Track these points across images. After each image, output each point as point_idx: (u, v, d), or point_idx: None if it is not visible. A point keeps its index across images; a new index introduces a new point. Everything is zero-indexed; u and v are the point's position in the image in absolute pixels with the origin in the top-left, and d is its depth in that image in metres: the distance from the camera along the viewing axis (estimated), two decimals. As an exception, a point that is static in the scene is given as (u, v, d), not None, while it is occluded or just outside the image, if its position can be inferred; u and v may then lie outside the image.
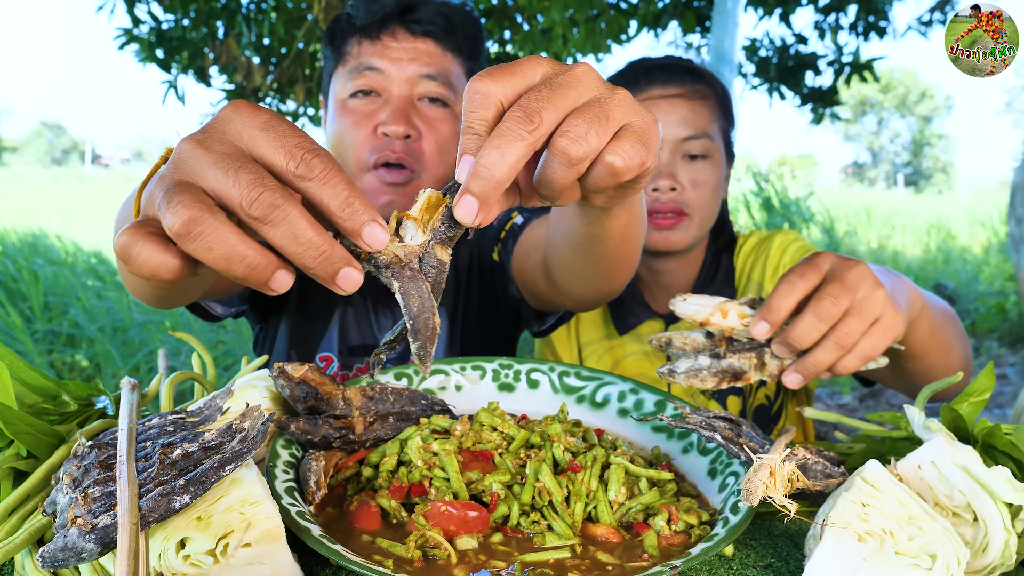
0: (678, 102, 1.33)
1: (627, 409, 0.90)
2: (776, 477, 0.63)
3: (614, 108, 0.53)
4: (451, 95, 1.24)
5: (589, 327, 1.51)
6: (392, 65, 1.21)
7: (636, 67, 1.39)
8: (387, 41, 1.21)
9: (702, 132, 1.33)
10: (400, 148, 1.19)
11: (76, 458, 0.61)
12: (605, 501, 0.70)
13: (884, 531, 0.59)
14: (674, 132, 1.32)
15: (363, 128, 1.21)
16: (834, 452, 0.84)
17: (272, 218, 0.45)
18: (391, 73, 1.21)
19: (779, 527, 0.76)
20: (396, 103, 1.20)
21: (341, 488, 0.73)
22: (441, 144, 1.23)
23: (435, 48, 1.23)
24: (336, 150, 1.25)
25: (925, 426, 0.73)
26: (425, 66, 1.21)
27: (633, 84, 1.36)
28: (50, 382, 0.77)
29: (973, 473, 0.64)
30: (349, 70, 1.23)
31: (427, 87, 1.22)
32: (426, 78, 1.21)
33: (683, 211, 1.34)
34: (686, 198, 1.34)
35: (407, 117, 1.19)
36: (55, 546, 0.51)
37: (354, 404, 0.78)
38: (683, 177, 1.33)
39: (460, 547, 0.63)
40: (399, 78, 1.21)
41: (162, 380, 0.86)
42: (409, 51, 1.21)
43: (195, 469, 0.56)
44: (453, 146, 1.25)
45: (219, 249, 0.45)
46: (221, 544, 0.55)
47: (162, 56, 4.85)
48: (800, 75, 5.68)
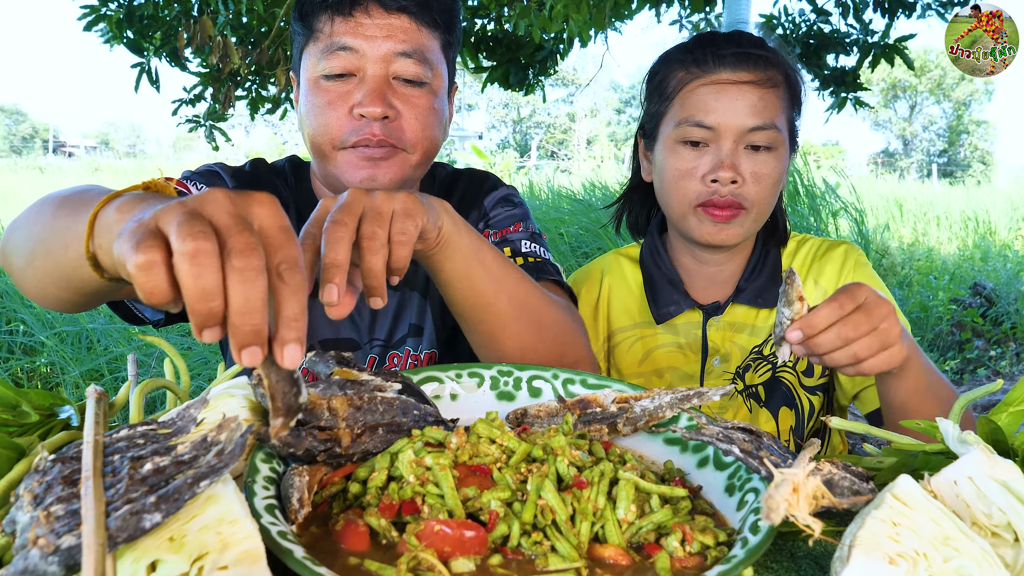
0: (748, 89, 1.34)
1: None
2: (799, 494, 0.63)
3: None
4: (427, 72, 1.27)
5: (622, 314, 1.55)
6: (366, 43, 1.24)
7: (704, 43, 1.40)
8: (360, 18, 1.24)
9: (770, 123, 1.34)
10: (379, 129, 1.24)
11: (37, 473, 0.61)
12: (613, 520, 0.70)
13: (917, 552, 0.60)
14: (741, 121, 1.34)
15: (338, 109, 1.25)
16: (862, 467, 0.84)
17: (247, 278, 0.57)
18: (366, 51, 1.24)
19: (802, 548, 0.76)
20: (371, 83, 1.24)
21: (326, 505, 0.73)
22: (422, 120, 1.27)
23: (410, 24, 1.26)
24: (309, 131, 1.28)
25: (961, 439, 0.73)
26: (400, 43, 1.25)
27: (700, 63, 1.37)
28: (9, 390, 0.78)
29: (1014, 489, 0.64)
30: (321, 49, 1.26)
31: (402, 65, 1.25)
32: (402, 56, 1.25)
33: (742, 205, 1.36)
34: (746, 191, 1.35)
35: (383, 97, 1.23)
36: (15, 568, 0.51)
37: (340, 414, 0.78)
38: (745, 169, 1.35)
39: (455, 570, 0.63)
40: (374, 56, 1.24)
41: (131, 388, 0.86)
42: (383, 28, 1.24)
43: (167, 485, 0.56)
44: (433, 122, 1.29)
45: (202, 284, 0.57)
46: (196, 567, 0.55)
47: (132, 37, 4.84)
48: (823, 55, 5.66)
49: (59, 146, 53.74)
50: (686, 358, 1.48)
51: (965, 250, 9.14)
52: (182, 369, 0.93)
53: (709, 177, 1.34)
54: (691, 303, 1.49)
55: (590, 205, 8.26)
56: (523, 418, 0.91)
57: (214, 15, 4.71)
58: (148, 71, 4.94)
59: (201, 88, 5.18)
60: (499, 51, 5.53)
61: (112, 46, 4.95)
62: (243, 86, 5.36)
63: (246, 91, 5.39)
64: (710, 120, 1.34)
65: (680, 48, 1.43)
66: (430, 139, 1.30)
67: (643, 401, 0.88)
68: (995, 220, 10.74)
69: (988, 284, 6.93)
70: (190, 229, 0.57)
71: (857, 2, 5.46)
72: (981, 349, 5.93)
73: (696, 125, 1.35)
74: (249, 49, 5.04)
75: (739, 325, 1.48)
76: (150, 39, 4.88)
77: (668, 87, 1.41)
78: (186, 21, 4.66)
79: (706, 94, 1.35)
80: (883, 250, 8.21)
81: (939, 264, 8.09)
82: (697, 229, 1.39)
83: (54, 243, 0.87)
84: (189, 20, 4.66)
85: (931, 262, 8.15)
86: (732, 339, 1.47)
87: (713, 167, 1.34)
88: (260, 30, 5.00)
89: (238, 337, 0.58)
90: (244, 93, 5.38)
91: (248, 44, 5.09)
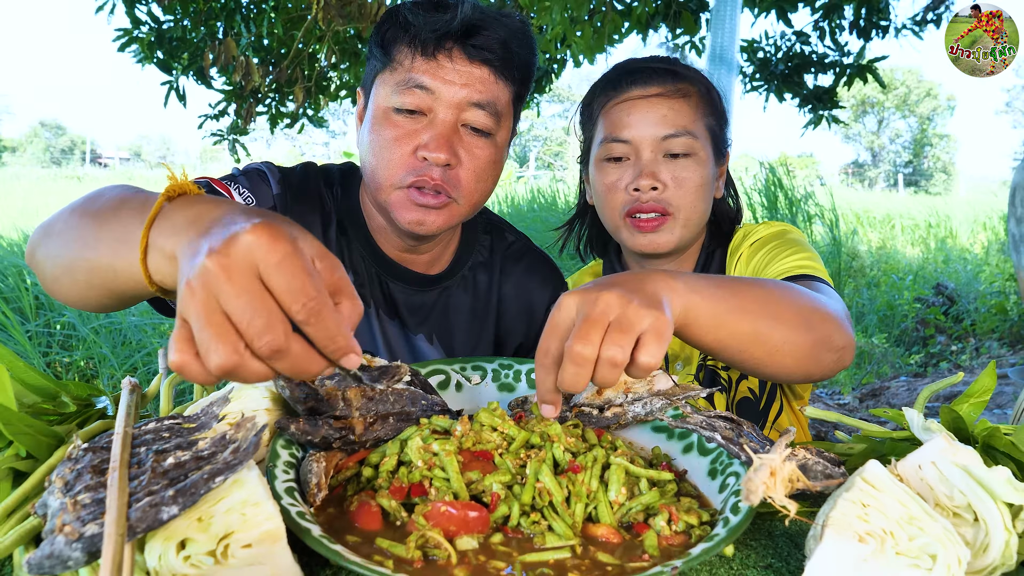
0: (657, 101, 1.34)
1: (627, 409, 0.90)
2: (776, 477, 0.63)
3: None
4: (496, 125, 1.21)
5: None
6: (444, 87, 1.16)
7: (620, 69, 1.41)
8: (442, 60, 1.16)
9: (683, 130, 1.33)
10: (438, 175, 1.17)
11: (70, 461, 0.61)
12: (605, 501, 0.70)
13: (884, 531, 0.60)
14: (654, 131, 1.33)
15: (403, 146, 1.18)
16: (834, 452, 0.84)
17: (275, 357, 0.58)
18: (441, 95, 1.16)
19: (779, 527, 0.76)
20: (440, 127, 1.17)
21: (341, 488, 0.73)
22: (478, 172, 1.21)
23: (489, 76, 1.19)
24: (371, 160, 1.21)
25: (925, 427, 0.73)
26: (477, 93, 1.17)
27: (615, 86, 1.37)
28: (49, 382, 0.77)
29: (974, 473, 0.64)
30: (398, 81, 1.18)
31: (474, 115, 1.18)
32: (475, 106, 1.18)
33: (666, 211, 1.34)
34: (668, 196, 1.33)
35: (450, 144, 1.17)
36: (41, 553, 0.51)
37: (354, 405, 0.78)
38: (665, 176, 1.33)
39: (460, 547, 0.63)
40: (448, 101, 1.17)
41: (162, 380, 0.86)
42: (463, 75, 1.17)
43: (186, 479, 0.55)
44: (489, 174, 1.23)
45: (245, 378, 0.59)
46: (221, 545, 0.55)
47: (161, 57, 4.85)
48: (801, 76, 5.66)
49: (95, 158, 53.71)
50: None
51: (928, 253, 9.14)
52: (208, 363, 0.92)
53: (632, 187, 1.33)
54: None
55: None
56: (523, 405, 0.91)
57: (237, 37, 4.71)
58: (176, 88, 4.94)
59: (224, 104, 5.18)
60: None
61: (144, 66, 4.96)
62: (263, 103, 5.36)
63: (266, 107, 5.39)
64: (626, 134, 1.33)
65: (603, 77, 1.43)
66: (482, 191, 1.24)
67: (635, 407, 0.87)
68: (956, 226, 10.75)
69: (950, 284, 6.93)
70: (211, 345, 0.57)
71: (834, 25, 5.46)
72: (943, 344, 5.93)
73: (615, 141, 1.34)
74: (270, 68, 5.04)
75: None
76: (178, 59, 4.88)
77: (593, 112, 1.41)
78: (211, 42, 4.67)
79: (621, 111, 1.35)
80: (853, 253, 8.21)
81: (904, 266, 8.09)
82: (630, 240, 1.38)
83: (98, 259, 0.81)
84: (214, 42, 4.66)
85: (897, 264, 8.15)
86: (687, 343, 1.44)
87: (634, 177, 1.33)
88: (280, 51, 5.00)
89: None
90: (264, 109, 5.38)
91: (269, 64, 5.09)
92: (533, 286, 1.44)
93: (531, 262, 1.45)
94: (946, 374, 5.29)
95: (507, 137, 1.27)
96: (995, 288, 6.84)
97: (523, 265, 1.44)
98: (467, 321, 1.39)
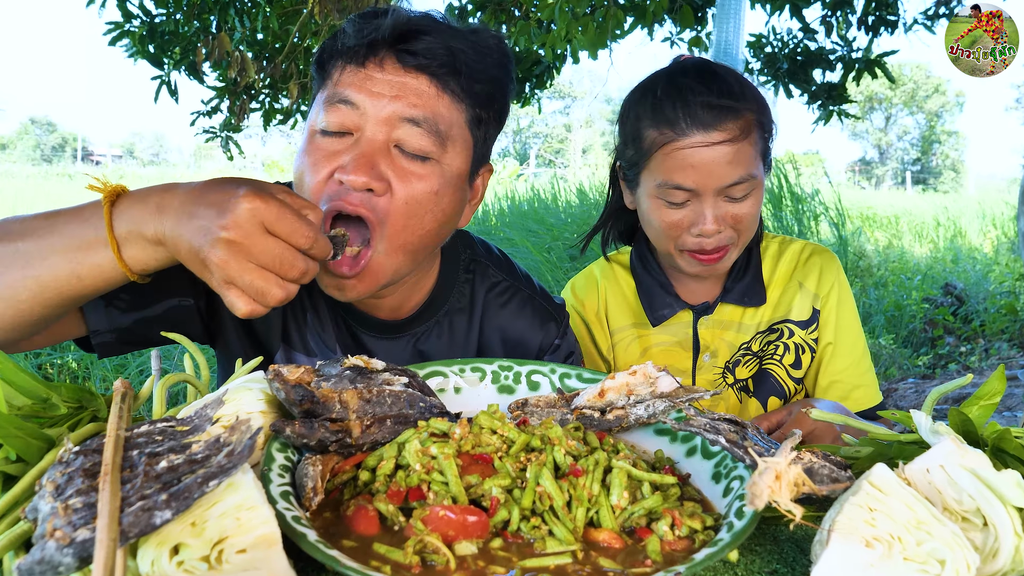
0: (721, 149, 1.28)
1: (629, 412, 0.90)
2: (782, 481, 0.63)
3: None
4: (438, 147, 1.03)
5: (617, 315, 1.55)
6: (370, 100, 1.01)
7: (673, 95, 1.31)
8: (371, 70, 1.02)
9: (747, 175, 1.30)
10: (358, 200, 1.00)
11: (61, 464, 0.61)
12: (607, 506, 0.70)
13: (892, 536, 0.60)
14: (718, 181, 1.29)
15: (322, 171, 1.02)
16: (841, 456, 0.84)
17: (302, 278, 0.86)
18: (367, 110, 1.01)
19: (784, 532, 0.76)
20: (364, 147, 1.00)
21: (338, 492, 0.73)
22: (411, 204, 1.02)
23: (429, 87, 1.03)
24: (297, 190, 1.06)
25: (933, 430, 0.73)
26: (410, 107, 1.01)
27: (674, 124, 1.30)
28: (40, 384, 0.77)
29: (983, 477, 0.64)
30: (325, 98, 1.04)
31: (407, 132, 1.01)
32: (408, 122, 1.01)
33: (728, 246, 1.36)
34: (729, 234, 1.35)
35: (372, 165, 0.99)
36: (32, 559, 0.51)
37: (351, 407, 0.78)
38: (727, 216, 1.33)
39: (459, 552, 0.63)
40: (375, 117, 1.01)
41: (155, 382, 0.86)
42: (394, 86, 1.01)
43: (179, 483, 0.55)
44: (428, 209, 1.04)
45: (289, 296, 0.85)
46: (216, 550, 0.55)
47: (153, 51, 4.85)
48: (809, 71, 5.66)
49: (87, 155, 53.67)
50: (679, 354, 1.50)
51: (937, 252, 9.14)
52: (201, 364, 0.93)
53: (694, 231, 1.33)
54: (683, 304, 1.49)
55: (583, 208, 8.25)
56: (523, 407, 0.91)
57: (231, 31, 4.72)
58: (168, 83, 4.94)
59: (218, 101, 5.18)
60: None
61: (135, 60, 4.96)
62: (257, 99, 5.36)
63: (260, 104, 5.39)
64: (689, 183, 1.30)
65: (649, 95, 1.36)
66: (418, 232, 1.04)
67: (637, 409, 0.87)
68: (965, 224, 10.75)
69: (959, 284, 6.93)
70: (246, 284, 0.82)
71: (841, 20, 5.47)
72: (952, 345, 5.94)
73: (676, 188, 1.31)
74: (264, 64, 5.04)
75: (726, 323, 1.49)
76: (170, 54, 4.88)
77: (642, 141, 1.35)
78: (204, 37, 4.67)
79: (682, 159, 1.29)
80: (860, 253, 8.21)
81: (912, 265, 8.09)
82: (687, 268, 1.40)
83: (51, 273, 0.87)
84: (208, 36, 4.66)
85: (905, 264, 8.15)
86: (720, 336, 1.49)
87: (697, 222, 1.32)
88: (274, 46, 5.00)
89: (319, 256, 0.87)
90: (258, 105, 5.38)
91: (263, 59, 5.09)
92: (521, 332, 1.30)
93: (519, 305, 1.30)
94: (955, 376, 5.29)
95: (462, 167, 1.08)
96: (1005, 288, 6.85)
97: (510, 308, 1.30)
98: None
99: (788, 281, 1.50)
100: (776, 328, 1.48)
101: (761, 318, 1.48)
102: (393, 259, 1.04)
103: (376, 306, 1.20)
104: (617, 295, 1.56)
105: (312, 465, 0.71)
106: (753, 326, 1.48)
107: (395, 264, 1.05)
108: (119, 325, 1.10)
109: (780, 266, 1.51)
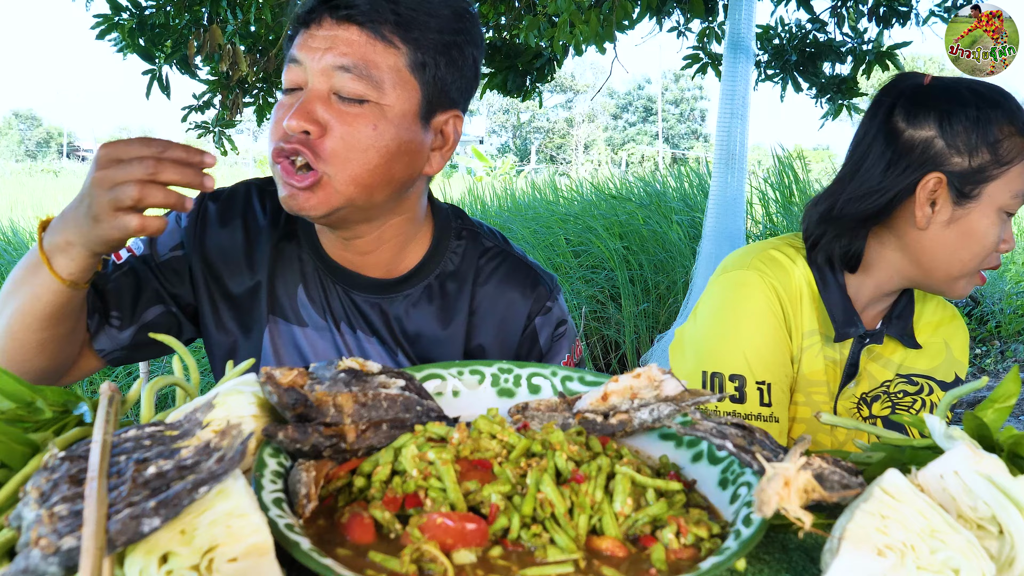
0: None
1: (633, 416, 0.90)
2: (791, 487, 0.63)
3: None
4: (372, 90, 1.14)
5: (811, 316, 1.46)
6: (308, 56, 1.14)
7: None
8: (312, 30, 1.16)
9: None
10: (296, 140, 1.13)
11: (46, 470, 0.61)
12: (610, 513, 0.70)
13: (905, 544, 0.59)
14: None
15: (277, 124, 1.16)
16: (851, 461, 0.84)
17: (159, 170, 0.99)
18: (308, 64, 1.14)
19: (794, 540, 0.76)
20: (305, 96, 1.14)
21: (332, 499, 0.73)
22: (350, 141, 1.13)
23: (359, 36, 1.14)
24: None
25: (947, 435, 0.73)
26: (340, 56, 1.13)
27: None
28: (24, 387, 0.77)
29: (998, 483, 0.64)
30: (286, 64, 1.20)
31: (341, 80, 1.13)
32: (340, 70, 1.13)
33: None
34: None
35: (309, 112, 1.12)
36: (16, 568, 0.51)
37: (345, 411, 0.78)
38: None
39: (457, 561, 0.63)
40: (314, 70, 1.14)
41: (143, 385, 0.86)
42: (328, 40, 1.14)
43: (168, 489, 0.55)
44: (368, 143, 1.14)
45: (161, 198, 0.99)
46: (206, 559, 0.55)
47: (143, 45, 4.84)
48: (819, 63, 5.66)
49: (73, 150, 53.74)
50: (834, 375, 1.46)
51: (951, 251, 9.11)
52: (191, 366, 0.93)
53: (1003, 246, 1.37)
54: (863, 328, 1.45)
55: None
56: (524, 411, 0.91)
57: (223, 24, 4.71)
58: (159, 78, 4.94)
59: (210, 95, 5.18)
60: (498, 58, 5.53)
61: (125, 55, 4.95)
62: (250, 93, 5.36)
63: (253, 98, 5.39)
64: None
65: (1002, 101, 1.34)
66: (364, 163, 1.15)
67: (641, 413, 0.87)
68: (980, 222, 10.71)
69: (973, 284, 6.92)
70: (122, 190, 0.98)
71: (851, 11, 5.46)
72: (967, 347, 5.94)
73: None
74: (257, 57, 5.04)
75: (877, 355, 1.48)
76: (161, 47, 4.88)
77: (1002, 150, 1.32)
78: (196, 30, 4.67)
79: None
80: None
81: (926, 264, 8.06)
82: (964, 289, 1.39)
83: (24, 299, 1.09)
84: (199, 29, 4.66)
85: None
86: (869, 366, 1.48)
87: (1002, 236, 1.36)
88: (268, 39, 4.99)
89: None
90: (251, 100, 5.38)
91: (256, 52, 5.09)
92: (512, 296, 1.35)
93: (510, 269, 1.36)
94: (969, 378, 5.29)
95: (406, 108, 1.17)
96: (1021, 288, 6.85)
97: (501, 272, 1.36)
98: (434, 331, 1.33)
99: (933, 334, 1.50)
100: (916, 381, 1.47)
101: (911, 364, 1.49)
102: (346, 188, 1.15)
103: (361, 264, 1.30)
104: (807, 293, 1.45)
105: (305, 471, 0.71)
106: (896, 365, 1.48)
107: (348, 192, 1.16)
108: (121, 344, 1.27)
109: (924, 314, 1.52)
